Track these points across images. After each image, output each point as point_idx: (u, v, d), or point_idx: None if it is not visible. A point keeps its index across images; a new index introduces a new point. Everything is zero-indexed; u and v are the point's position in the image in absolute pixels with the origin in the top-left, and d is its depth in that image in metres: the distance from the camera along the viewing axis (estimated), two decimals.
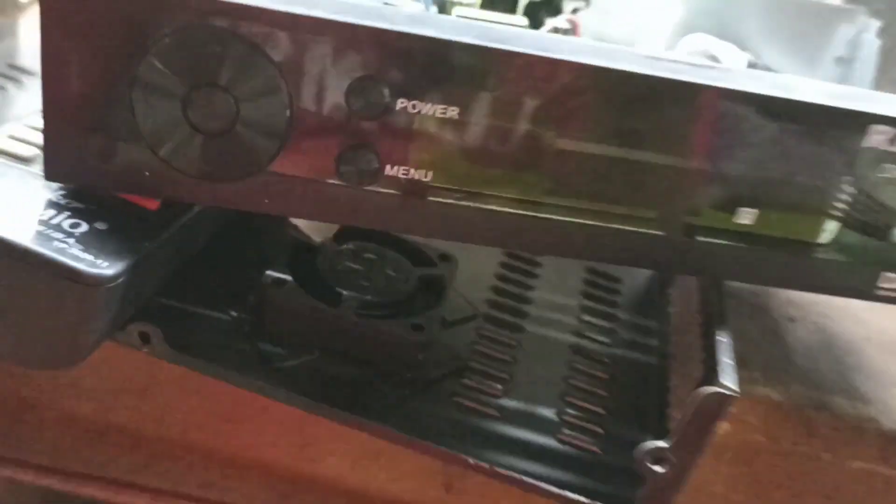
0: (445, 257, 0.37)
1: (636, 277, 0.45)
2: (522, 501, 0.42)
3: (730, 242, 0.30)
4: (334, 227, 0.37)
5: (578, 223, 0.29)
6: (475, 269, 0.41)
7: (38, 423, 0.42)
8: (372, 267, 0.35)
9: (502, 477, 0.30)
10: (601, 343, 0.38)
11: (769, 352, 0.43)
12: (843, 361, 0.44)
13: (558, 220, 0.29)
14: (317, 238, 0.36)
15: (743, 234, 0.30)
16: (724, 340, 0.29)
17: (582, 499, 0.30)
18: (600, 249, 0.30)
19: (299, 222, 0.37)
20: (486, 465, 0.30)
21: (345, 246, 0.36)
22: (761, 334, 0.44)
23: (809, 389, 0.41)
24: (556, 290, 0.41)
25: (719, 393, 0.26)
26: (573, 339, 0.38)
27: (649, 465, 0.28)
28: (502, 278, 0.41)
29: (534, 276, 0.42)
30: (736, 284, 0.46)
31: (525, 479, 0.30)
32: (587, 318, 0.40)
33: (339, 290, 0.34)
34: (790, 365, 0.42)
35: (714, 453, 0.41)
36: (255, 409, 0.41)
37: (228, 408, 0.42)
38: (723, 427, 0.40)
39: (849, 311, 0.47)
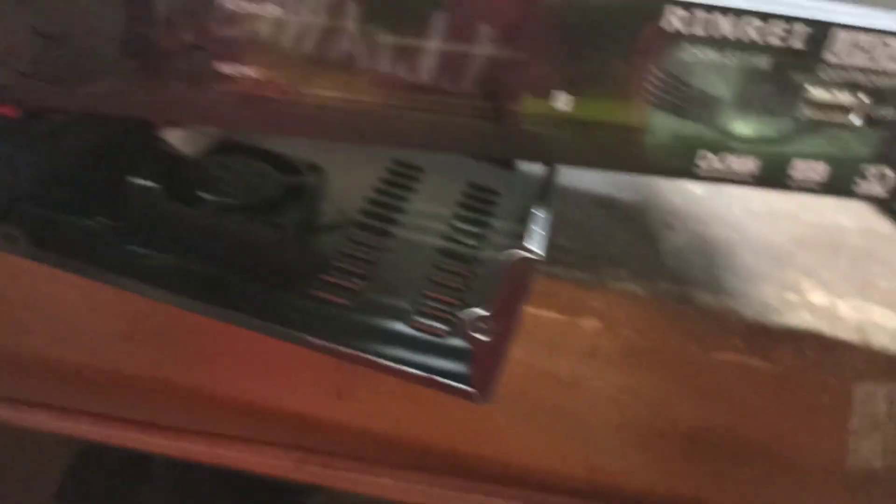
0: (313, 167, 0.39)
1: (518, 191, 0.47)
2: (411, 405, 0.44)
3: (552, 129, 0.32)
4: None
5: (406, 115, 0.31)
6: (356, 183, 0.43)
7: None
8: (239, 176, 0.37)
9: (345, 356, 0.32)
10: (468, 246, 0.40)
11: (640, 254, 0.45)
12: (714, 262, 0.46)
13: (385, 113, 0.31)
14: (187, 151, 0.38)
15: (564, 119, 0.31)
16: (538, 215, 0.31)
17: (422, 374, 0.32)
18: (429, 138, 0.31)
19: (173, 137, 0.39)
20: (332, 346, 0.32)
21: (214, 157, 0.38)
22: (635, 239, 0.46)
23: (676, 286, 0.43)
24: (433, 201, 0.43)
25: (523, 256, 0.28)
26: (441, 243, 0.40)
27: (473, 333, 0.30)
28: (379, 191, 0.43)
29: (412, 189, 0.44)
30: (617, 195, 0.48)
31: (367, 356, 0.32)
32: (459, 224, 0.42)
33: (202, 195, 0.35)
34: (660, 265, 0.44)
35: (589, 352, 0.43)
36: (148, 324, 0.43)
37: (126, 325, 0.43)
38: (593, 325, 0.42)
39: (728, 219, 0.50)
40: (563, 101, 0.31)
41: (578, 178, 0.49)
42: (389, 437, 0.46)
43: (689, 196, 0.51)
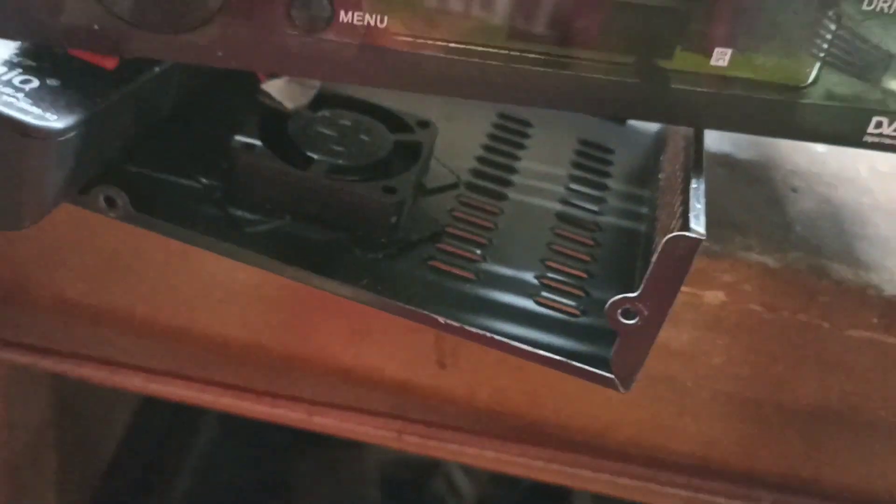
0: (424, 124, 0.36)
1: (632, 148, 0.43)
2: (516, 375, 0.42)
3: (704, 87, 0.28)
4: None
5: (544, 71, 0.28)
6: (463, 139, 0.40)
7: (31, 306, 0.42)
8: (346, 133, 0.34)
9: (473, 336, 0.29)
10: (588, 211, 0.37)
11: (768, 220, 0.41)
12: (846, 230, 0.42)
13: (523, 68, 0.28)
14: (290, 105, 0.35)
15: (718, 77, 0.28)
16: (695, 186, 0.27)
17: (558, 358, 0.29)
18: (568, 98, 0.28)
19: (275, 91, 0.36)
20: (457, 325, 0.29)
21: (319, 113, 0.35)
22: (761, 203, 0.43)
23: (809, 256, 0.39)
24: (545, 160, 0.40)
25: (684, 237, 0.25)
26: (559, 207, 0.37)
27: (620, 318, 0.28)
28: (489, 148, 0.40)
29: (522, 146, 0.40)
30: (737, 154, 0.44)
31: (497, 337, 0.29)
32: (575, 186, 0.39)
33: (309, 154, 0.33)
34: (790, 233, 0.41)
35: (710, 324, 0.40)
36: (244, 287, 0.41)
37: (216, 288, 0.41)
38: (718, 297, 0.39)
39: (856, 181, 0.46)
40: (720, 57, 0.28)
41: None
42: (492, 407, 0.43)
43: (812, 155, 0.47)
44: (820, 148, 0.48)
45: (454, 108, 0.41)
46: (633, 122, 0.45)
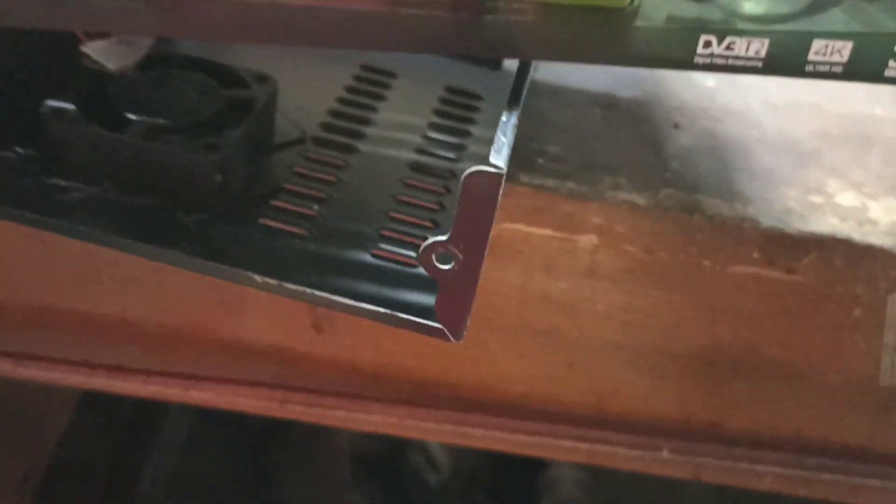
0: (262, 79, 0.34)
1: (504, 94, 0.42)
2: (397, 336, 0.40)
3: (520, 16, 0.27)
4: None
5: (366, 12, 0.26)
6: (318, 93, 0.38)
7: None
8: (173, 92, 0.33)
9: (291, 293, 0.28)
10: (444, 158, 0.36)
11: (643, 159, 0.40)
12: (727, 164, 0.41)
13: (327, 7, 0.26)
14: (113, 67, 0.33)
15: (534, 4, 0.26)
16: (504, 120, 0.26)
17: (382, 310, 0.28)
18: (382, 36, 0.27)
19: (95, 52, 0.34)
20: (274, 282, 0.28)
21: (144, 74, 0.33)
22: (638, 143, 0.41)
23: (681, 193, 0.38)
24: (406, 110, 0.38)
25: (482, 172, 0.24)
26: (414, 157, 0.35)
27: (436, 264, 0.26)
28: (344, 101, 0.38)
29: (381, 97, 0.39)
30: (619, 93, 0.42)
31: (316, 293, 0.28)
32: (434, 135, 0.37)
33: (128, 116, 0.31)
34: (664, 170, 0.39)
35: (588, 270, 0.38)
36: (105, 263, 0.39)
37: (77, 266, 0.40)
38: (591, 241, 0.38)
39: (745, 114, 0.44)
40: None
41: (573, 75, 0.44)
42: (376, 370, 0.42)
43: (700, 90, 0.45)
44: (710, 82, 0.47)
45: (313, 64, 0.39)
46: (508, 67, 0.43)
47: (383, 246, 0.31)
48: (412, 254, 0.31)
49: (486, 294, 0.39)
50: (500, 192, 0.24)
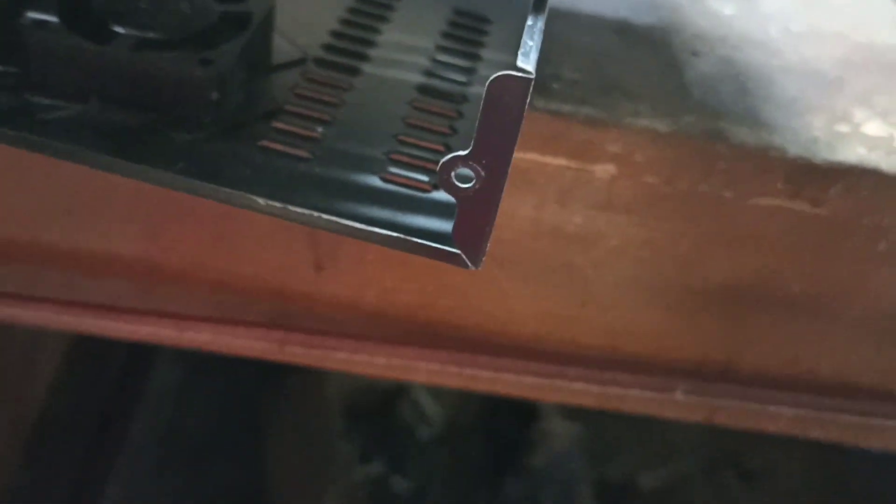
0: None
1: (513, 17, 0.39)
2: (402, 273, 0.38)
3: None
4: None
5: None
6: (319, 13, 0.36)
7: None
8: (162, 5, 0.30)
9: (296, 216, 0.26)
10: (455, 82, 0.33)
11: (663, 85, 0.38)
12: (749, 92, 0.39)
13: None
14: None
15: None
16: (531, 24, 0.23)
17: (395, 235, 0.26)
18: None
19: None
20: (279, 205, 0.26)
21: None
22: (657, 69, 0.39)
23: (704, 120, 0.36)
24: (413, 31, 0.36)
25: (509, 76, 0.22)
26: (422, 80, 0.33)
27: (455, 182, 0.24)
28: (346, 22, 0.35)
29: (386, 19, 0.36)
30: (634, 19, 0.40)
31: (323, 216, 0.26)
32: (443, 58, 0.35)
33: (114, 28, 0.28)
34: (686, 97, 0.37)
35: (604, 202, 0.36)
36: (93, 195, 0.37)
37: (61, 198, 0.37)
38: (608, 171, 0.36)
39: (766, 43, 0.42)
40: None
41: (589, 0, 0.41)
42: (380, 310, 0.40)
43: (718, 18, 0.43)
44: (727, 10, 0.44)
45: None
46: None
47: (393, 170, 0.29)
48: (424, 178, 0.29)
49: (496, 228, 0.37)
50: (528, 100, 0.22)
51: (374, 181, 0.28)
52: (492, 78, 0.22)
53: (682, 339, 0.41)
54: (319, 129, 0.30)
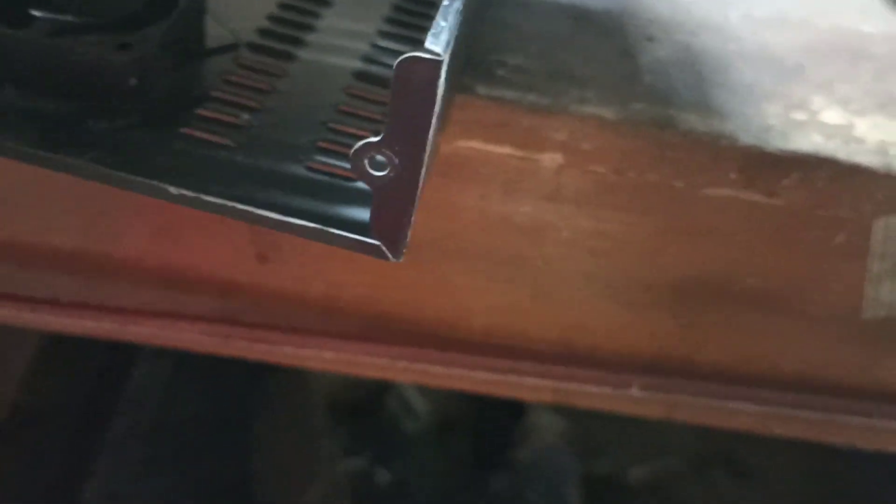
0: None
1: None
2: (349, 266, 0.37)
3: None
4: None
5: None
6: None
7: None
8: None
9: (209, 206, 0.25)
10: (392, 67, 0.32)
11: (613, 71, 0.37)
12: (704, 78, 0.38)
13: None
14: None
15: None
16: (447, 4, 0.22)
17: (311, 225, 0.25)
18: None
19: None
20: (190, 195, 0.25)
21: None
22: (609, 55, 0.38)
23: (654, 107, 0.35)
24: (355, 17, 0.35)
25: (416, 58, 0.21)
26: (360, 66, 0.32)
27: (369, 170, 0.23)
28: (285, 6, 0.34)
29: (327, 3, 0.35)
30: (590, 4, 0.39)
31: (237, 206, 0.25)
32: (384, 43, 0.34)
33: (31, 12, 0.27)
34: (636, 83, 0.36)
35: (552, 193, 0.35)
36: (28, 186, 0.36)
37: (2, 189, 0.36)
38: (555, 160, 0.35)
39: (724, 28, 0.41)
40: None
41: None
42: (327, 303, 0.39)
43: (676, 3, 0.42)
44: None
45: None
46: None
47: (319, 158, 0.28)
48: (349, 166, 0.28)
49: (443, 219, 0.36)
50: (440, 84, 0.21)
51: (299, 170, 0.27)
52: (399, 59, 0.21)
53: (638, 334, 0.40)
54: (245, 117, 0.29)
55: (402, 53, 0.33)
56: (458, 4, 0.23)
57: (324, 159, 0.28)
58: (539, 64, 0.36)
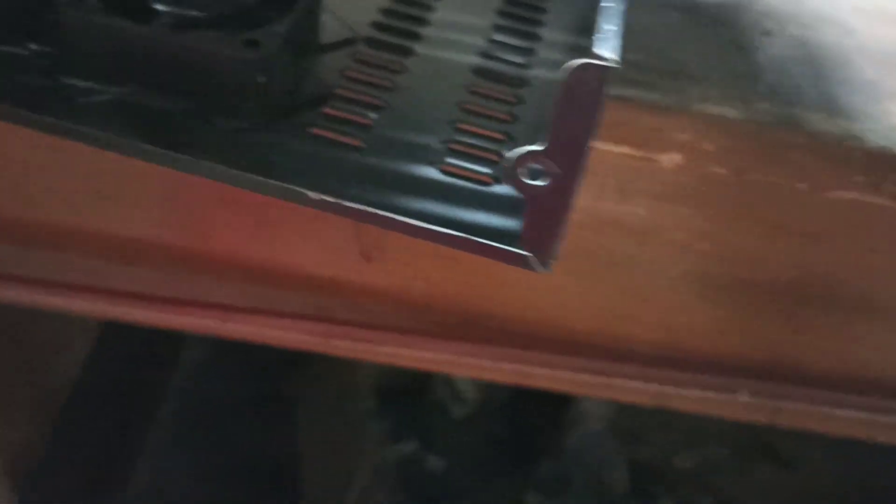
0: None
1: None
2: (453, 265, 0.36)
3: None
4: None
5: None
6: None
7: None
8: None
9: (352, 212, 0.24)
10: (513, 64, 0.31)
11: (732, 68, 0.35)
12: (825, 75, 0.36)
13: None
14: None
15: None
16: (607, 5, 0.21)
17: (458, 234, 0.24)
18: None
19: None
20: (332, 200, 0.24)
21: None
22: (725, 50, 0.36)
23: (778, 106, 0.33)
24: (467, 10, 0.34)
25: (589, 65, 0.19)
26: (478, 61, 0.31)
27: (526, 179, 0.22)
28: None
29: None
30: None
31: (380, 213, 0.24)
32: (500, 38, 0.32)
33: (153, 6, 0.26)
34: (757, 81, 0.35)
35: (668, 194, 0.34)
36: (130, 179, 0.35)
37: (98, 182, 0.36)
38: (674, 161, 0.33)
39: (837, 21, 0.39)
40: None
41: None
42: (429, 303, 0.38)
43: None
44: None
45: None
46: None
47: (451, 160, 0.27)
48: (484, 169, 0.27)
49: None
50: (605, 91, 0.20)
51: (432, 172, 0.26)
52: (573, 65, 0.19)
53: (747, 338, 0.39)
54: (372, 115, 0.27)
55: (517, 48, 0.32)
56: (622, 6, 0.22)
57: (455, 161, 0.27)
58: (655, 60, 0.34)
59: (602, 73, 0.20)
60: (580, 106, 0.20)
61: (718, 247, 0.36)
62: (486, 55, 0.32)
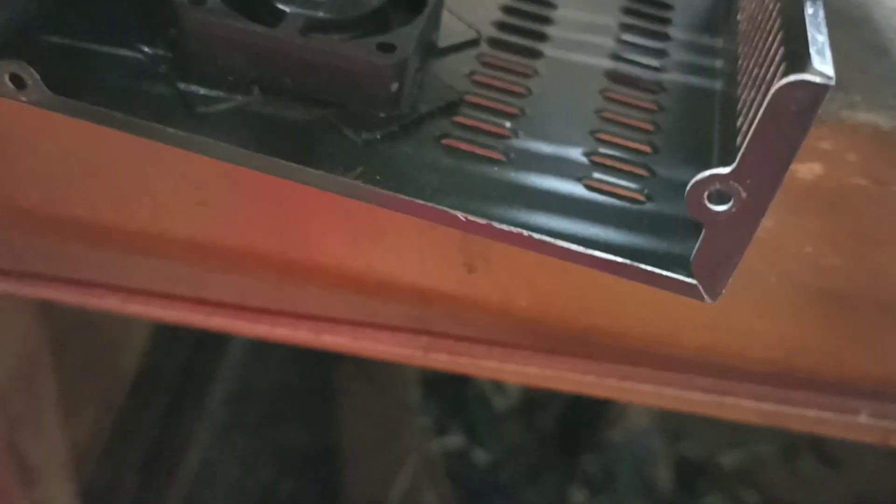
0: None
1: None
2: (560, 276, 0.34)
3: None
4: None
5: None
6: None
7: None
8: None
9: (506, 235, 0.22)
10: (647, 67, 0.29)
11: (873, 71, 0.33)
12: None
13: None
14: None
15: None
16: (811, 12, 0.19)
17: (620, 260, 0.21)
18: None
19: None
20: (483, 222, 0.22)
21: None
22: (862, 50, 0.34)
23: None
24: (589, 7, 0.32)
25: (804, 82, 0.17)
26: (609, 64, 0.29)
27: (707, 204, 0.20)
28: None
29: None
30: None
31: (536, 236, 0.22)
32: (628, 37, 0.30)
33: (280, 7, 0.25)
34: None
35: (801, 205, 0.32)
36: (226, 185, 0.34)
37: (194, 187, 0.34)
38: (813, 171, 0.31)
39: None
40: None
41: None
42: (533, 315, 0.36)
43: None
44: None
45: None
46: None
47: (597, 175, 0.24)
48: (631, 185, 0.25)
49: None
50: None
51: (578, 189, 0.24)
52: (783, 83, 0.17)
53: (868, 357, 0.36)
54: (508, 125, 0.25)
55: (649, 49, 0.30)
56: (822, 13, 0.19)
57: (601, 176, 0.25)
58: None
59: (818, 93, 0.17)
60: (785, 126, 0.18)
61: (848, 262, 0.34)
62: (617, 57, 0.30)
